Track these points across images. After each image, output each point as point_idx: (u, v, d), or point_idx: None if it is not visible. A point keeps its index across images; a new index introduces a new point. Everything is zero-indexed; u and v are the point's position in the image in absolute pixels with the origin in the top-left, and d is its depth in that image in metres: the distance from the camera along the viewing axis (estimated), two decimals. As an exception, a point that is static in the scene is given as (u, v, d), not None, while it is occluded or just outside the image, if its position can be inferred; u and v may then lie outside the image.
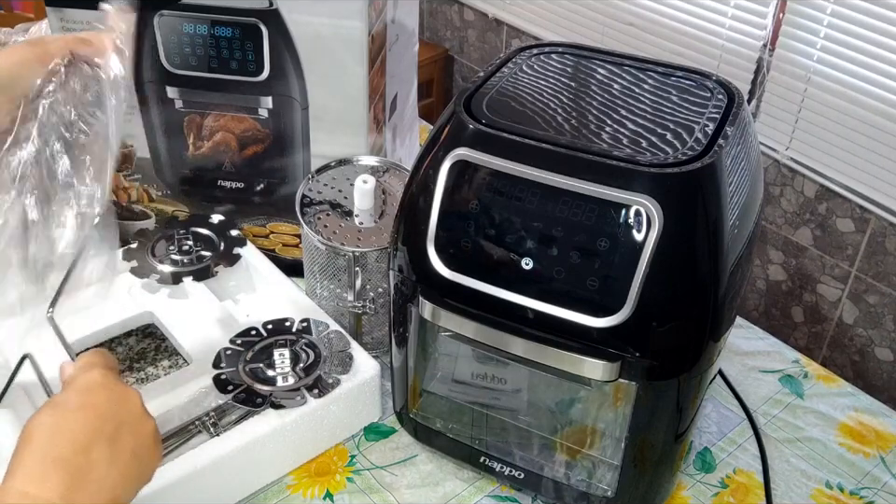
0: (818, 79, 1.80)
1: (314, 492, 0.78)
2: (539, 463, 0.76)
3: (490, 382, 0.79)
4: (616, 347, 0.61)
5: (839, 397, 0.91)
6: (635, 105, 0.68)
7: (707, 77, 0.72)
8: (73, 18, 0.90)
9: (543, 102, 0.68)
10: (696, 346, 0.63)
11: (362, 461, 0.81)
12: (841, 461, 0.84)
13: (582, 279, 0.60)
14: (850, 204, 1.82)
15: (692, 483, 0.81)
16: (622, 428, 0.71)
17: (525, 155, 0.61)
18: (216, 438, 0.74)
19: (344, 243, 0.85)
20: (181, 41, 0.89)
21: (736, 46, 1.95)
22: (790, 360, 0.96)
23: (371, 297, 0.89)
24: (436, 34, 2.84)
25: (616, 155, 0.60)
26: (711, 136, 0.63)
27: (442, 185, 0.64)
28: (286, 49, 0.89)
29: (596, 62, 0.75)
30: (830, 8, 1.74)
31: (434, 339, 0.78)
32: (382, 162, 0.94)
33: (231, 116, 0.95)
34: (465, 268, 0.65)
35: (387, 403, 0.86)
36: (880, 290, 1.83)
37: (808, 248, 1.95)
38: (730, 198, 0.60)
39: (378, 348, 0.92)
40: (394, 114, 1.05)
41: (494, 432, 0.79)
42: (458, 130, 0.64)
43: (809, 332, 2.02)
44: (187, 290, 0.91)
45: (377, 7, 0.90)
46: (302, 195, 0.89)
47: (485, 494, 0.79)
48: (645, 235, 0.58)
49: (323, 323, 0.84)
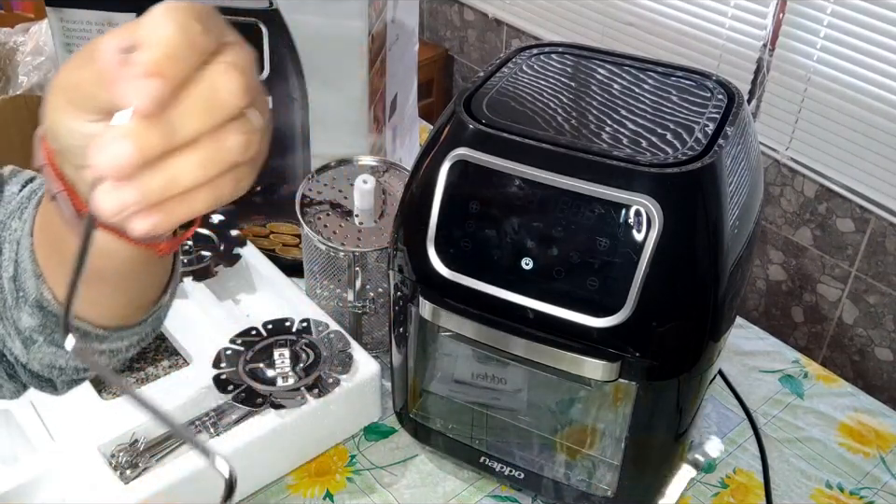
0: (818, 79, 1.80)
1: (314, 492, 0.78)
2: (538, 463, 0.76)
3: (490, 382, 0.79)
4: (616, 347, 0.61)
5: (839, 397, 0.91)
6: (635, 105, 0.68)
7: (707, 77, 0.72)
8: (73, 18, 0.90)
9: (543, 102, 0.68)
10: (696, 346, 0.63)
11: (362, 461, 0.81)
12: (841, 461, 0.84)
13: (582, 279, 0.60)
14: (850, 204, 1.83)
15: (692, 482, 0.81)
16: (622, 428, 0.71)
17: (524, 155, 0.61)
18: (216, 438, 0.74)
19: (344, 243, 0.85)
20: (181, 41, 0.89)
21: (736, 46, 1.95)
22: (790, 360, 0.96)
23: (371, 297, 0.89)
24: (436, 34, 2.84)
25: (616, 155, 0.60)
26: (711, 136, 0.63)
27: (442, 185, 0.64)
28: (286, 49, 0.89)
29: (596, 62, 0.75)
30: (830, 8, 1.74)
31: (434, 339, 0.78)
32: (382, 162, 0.94)
33: (231, 116, 0.95)
34: (465, 268, 0.65)
35: (387, 403, 0.86)
36: (880, 290, 1.83)
37: (808, 248, 1.95)
38: (730, 198, 0.60)
39: (378, 348, 0.92)
40: (394, 114, 1.05)
41: (494, 432, 0.79)
42: (458, 130, 0.64)
43: (809, 332, 2.02)
44: (187, 290, 0.91)
45: (377, 7, 0.90)
46: (302, 195, 0.89)
47: (485, 494, 0.79)
48: (645, 235, 0.58)
49: (323, 323, 0.84)
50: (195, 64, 0.32)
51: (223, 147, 0.33)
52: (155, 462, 0.74)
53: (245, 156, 0.34)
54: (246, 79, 0.33)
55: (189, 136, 0.32)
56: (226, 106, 0.32)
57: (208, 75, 0.32)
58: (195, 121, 0.32)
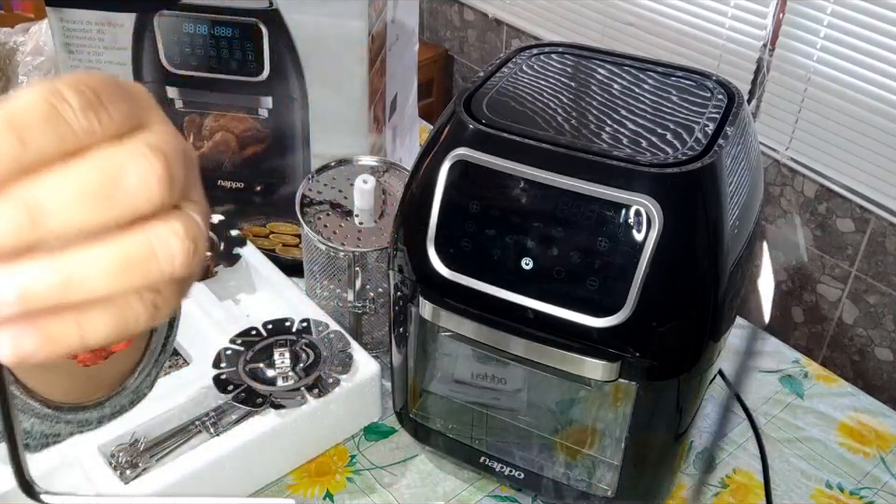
0: (818, 79, 1.80)
1: (313, 492, 0.78)
2: (538, 463, 0.76)
3: (490, 382, 0.79)
4: (616, 347, 0.61)
5: (839, 397, 0.91)
6: (635, 105, 0.68)
7: (706, 77, 0.72)
8: (73, 18, 0.90)
9: (543, 102, 0.68)
10: (696, 346, 0.63)
11: (362, 461, 0.81)
12: (841, 461, 0.84)
13: (582, 279, 0.60)
14: (850, 204, 1.82)
15: (692, 482, 0.81)
16: (622, 428, 0.71)
17: (524, 155, 0.61)
18: (216, 438, 0.74)
19: (344, 243, 0.85)
20: (181, 41, 0.89)
21: (736, 46, 1.95)
22: (790, 360, 0.96)
23: (371, 297, 0.89)
24: (436, 34, 2.84)
25: (616, 155, 0.60)
26: (711, 136, 0.63)
27: (442, 185, 0.64)
28: (286, 49, 0.89)
29: (596, 62, 0.75)
30: (830, 8, 1.74)
31: (434, 339, 0.78)
32: (382, 162, 0.94)
33: (231, 116, 0.95)
34: (465, 268, 0.65)
35: (387, 403, 0.86)
36: (880, 290, 1.83)
37: (808, 248, 1.95)
38: (730, 198, 0.60)
39: (378, 348, 0.92)
40: (394, 114, 1.05)
41: (494, 432, 0.79)
42: (458, 130, 0.64)
43: (809, 332, 2.01)
44: (187, 290, 0.91)
45: (377, 7, 0.90)
46: (302, 195, 0.89)
47: (485, 494, 0.79)
48: (645, 235, 0.58)
49: (323, 323, 0.84)
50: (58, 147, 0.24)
51: (153, 253, 0.25)
52: (155, 462, 0.74)
53: (172, 267, 0.25)
54: (169, 168, 0.25)
55: (73, 228, 0.24)
56: (136, 195, 0.24)
57: (107, 155, 0.24)
58: (78, 209, 0.24)
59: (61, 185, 0.23)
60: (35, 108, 0.23)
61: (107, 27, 0.91)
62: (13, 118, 0.23)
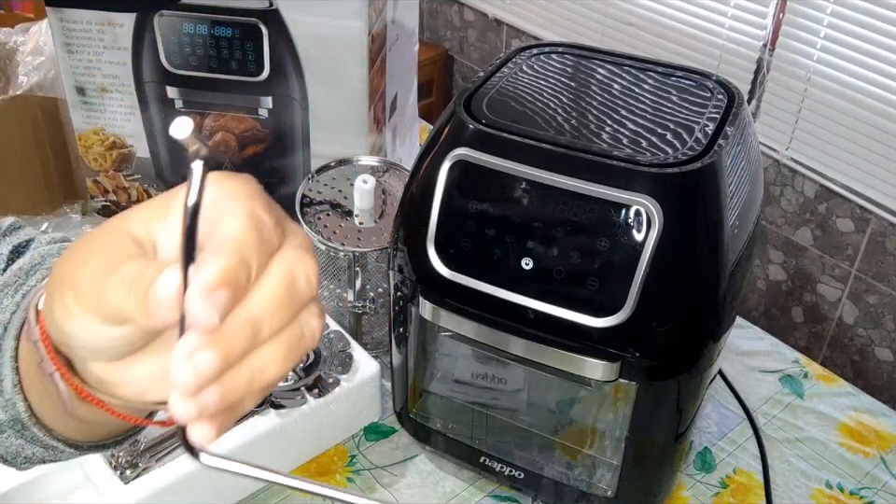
0: (818, 79, 1.80)
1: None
2: (538, 463, 0.76)
3: (490, 382, 0.79)
4: (616, 347, 0.61)
5: (839, 397, 0.91)
6: (635, 105, 0.68)
7: (706, 77, 0.72)
8: (73, 18, 0.90)
9: (543, 102, 0.68)
10: (696, 346, 0.63)
11: (362, 461, 0.81)
12: (841, 461, 0.84)
13: (582, 279, 0.60)
14: (850, 204, 1.83)
15: (692, 482, 0.81)
16: (622, 428, 0.71)
17: (525, 155, 0.61)
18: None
19: (344, 243, 0.85)
20: (181, 41, 0.89)
21: (736, 46, 1.95)
22: (790, 360, 0.96)
23: (371, 297, 0.89)
24: (436, 34, 2.84)
25: (616, 155, 0.60)
26: (711, 136, 0.63)
27: (442, 185, 0.64)
28: (286, 49, 0.89)
29: (596, 62, 0.75)
30: (830, 8, 1.74)
31: (434, 339, 0.78)
32: (382, 162, 0.94)
33: (231, 116, 0.95)
34: (465, 268, 0.65)
35: (387, 403, 0.86)
36: (880, 290, 1.83)
37: (808, 248, 1.95)
38: (730, 198, 0.60)
39: (378, 348, 0.92)
40: (394, 114, 1.05)
41: (494, 432, 0.79)
42: (458, 130, 0.64)
43: (809, 332, 2.02)
44: (187, 290, 0.91)
45: (377, 7, 0.90)
46: (302, 195, 0.89)
47: (485, 494, 0.79)
48: (645, 235, 0.58)
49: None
50: (265, 263, 0.29)
51: (303, 336, 0.30)
52: (155, 462, 0.74)
53: (315, 343, 0.31)
54: (316, 262, 0.30)
55: (273, 333, 0.29)
56: (305, 295, 0.29)
57: (284, 264, 0.29)
58: (277, 317, 0.29)
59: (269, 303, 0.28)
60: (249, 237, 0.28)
61: (107, 27, 0.91)
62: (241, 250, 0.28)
